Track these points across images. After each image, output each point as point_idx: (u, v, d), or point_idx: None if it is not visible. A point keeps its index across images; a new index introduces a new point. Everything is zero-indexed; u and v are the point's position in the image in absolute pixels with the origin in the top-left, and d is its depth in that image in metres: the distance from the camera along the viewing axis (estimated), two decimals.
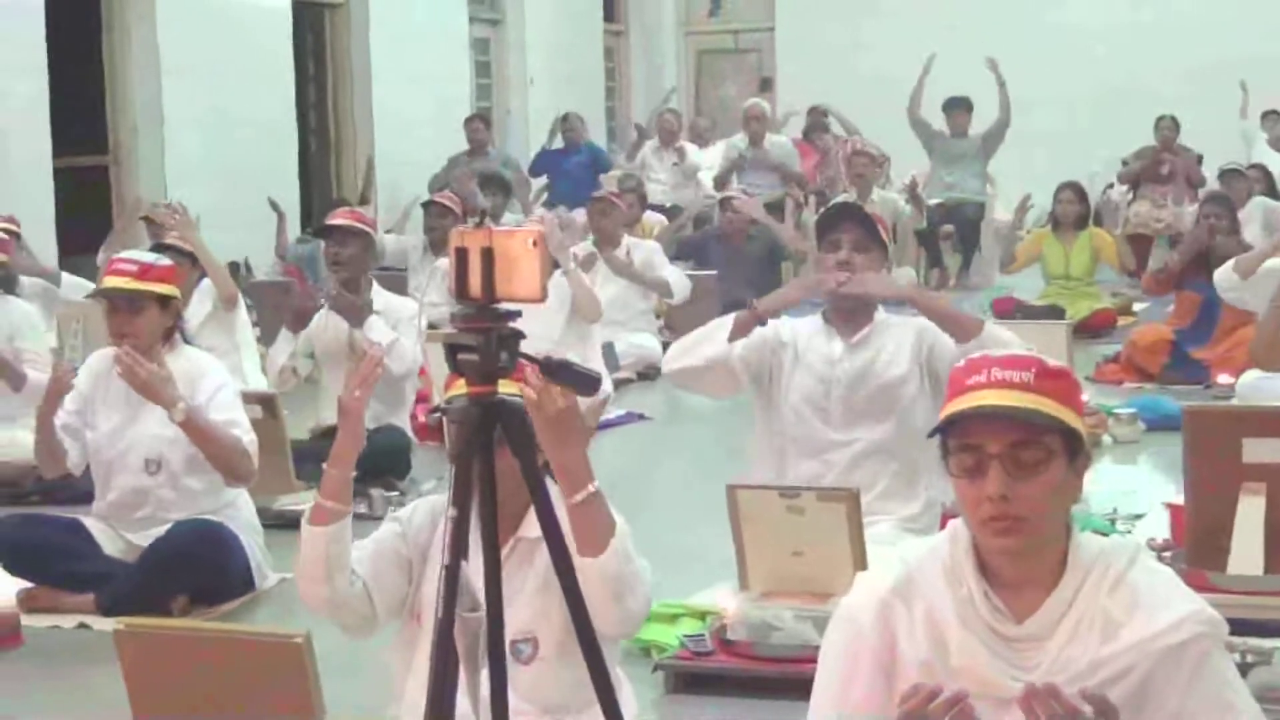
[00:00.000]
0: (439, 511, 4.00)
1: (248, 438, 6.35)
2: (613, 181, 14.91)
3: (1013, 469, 2.92)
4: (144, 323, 6.28)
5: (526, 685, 3.80)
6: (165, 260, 6.62)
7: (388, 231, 12.92)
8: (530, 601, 3.85)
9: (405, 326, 8.32)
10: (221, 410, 6.33)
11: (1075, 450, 2.99)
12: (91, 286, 8.20)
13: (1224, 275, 8.88)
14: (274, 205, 14.00)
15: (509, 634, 3.61)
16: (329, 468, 4.02)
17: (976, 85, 16.78)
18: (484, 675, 3.25)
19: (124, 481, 6.41)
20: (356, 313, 8.19)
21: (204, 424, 6.21)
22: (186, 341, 6.61)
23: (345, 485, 4.00)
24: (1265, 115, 17.72)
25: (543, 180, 16.62)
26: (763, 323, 5.78)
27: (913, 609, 3.05)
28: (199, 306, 9.03)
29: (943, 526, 3.24)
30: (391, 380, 8.26)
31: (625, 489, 7.75)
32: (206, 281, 9.28)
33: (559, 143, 17.04)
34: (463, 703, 3.19)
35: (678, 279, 11.66)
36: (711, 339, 5.78)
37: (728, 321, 5.76)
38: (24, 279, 9.96)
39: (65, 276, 10.43)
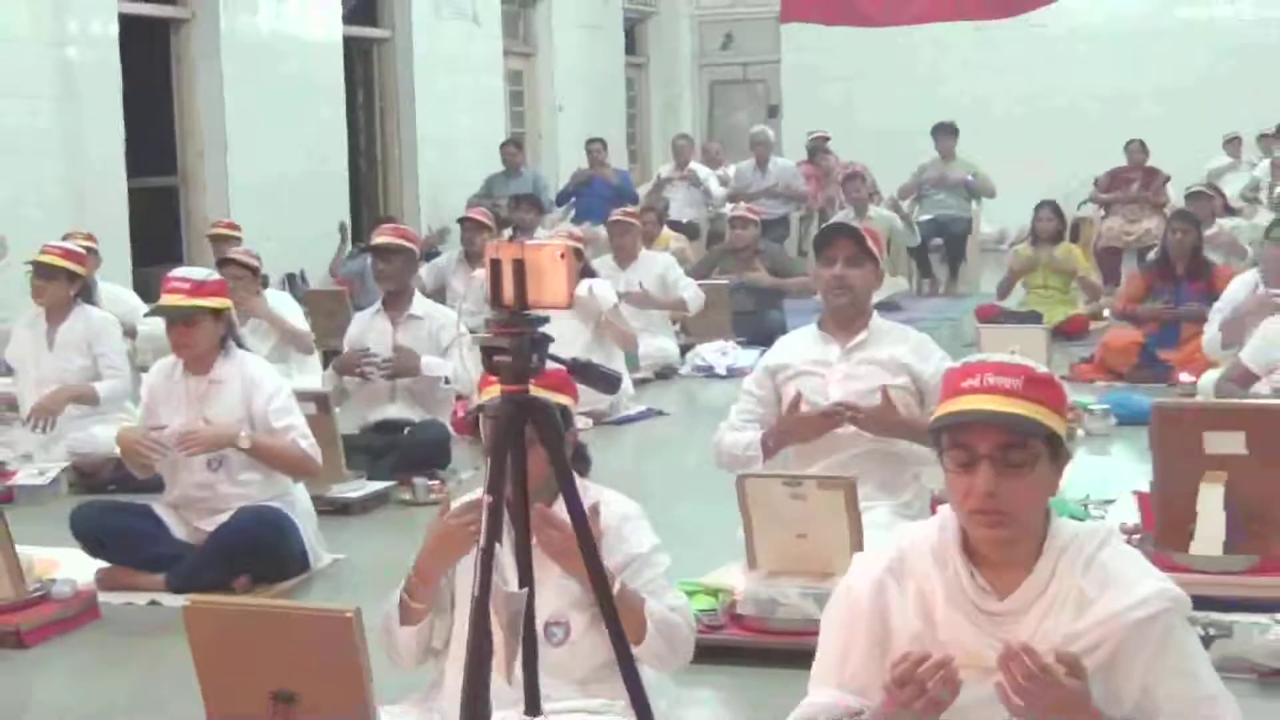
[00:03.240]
0: None
1: (306, 442, 6.38)
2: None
3: (1001, 468, 2.91)
4: (199, 334, 6.31)
5: (557, 663, 3.78)
6: (216, 276, 6.65)
7: (426, 255, 12.76)
8: (558, 587, 3.82)
9: (447, 332, 8.34)
10: (281, 415, 6.37)
11: (1057, 450, 2.98)
12: None
13: (1212, 345, 8.88)
14: (342, 229, 14.14)
15: (543, 617, 3.62)
16: (419, 581, 3.85)
17: (962, 112, 16.81)
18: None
19: (188, 478, 6.41)
20: (412, 370, 8.26)
21: (266, 445, 6.31)
22: (241, 347, 6.62)
23: (434, 592, 3.88)
24: (1227, 141, 17.71)
25: (570, 204, 16.64)
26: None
27: (904, 587, 3.05)
28: (259, 343, 8.91)
29: (933, 512, 3.24)
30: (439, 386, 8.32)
31: (645, 478, 7.79)
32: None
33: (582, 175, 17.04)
34: (496, 680, 3.19)
35: (692, 294, 11.65)
36: (750, 460, 5.66)
37: (757, 446, 5.67)
38: (102, 288, 9.98)
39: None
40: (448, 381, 8.24)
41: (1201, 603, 3.71)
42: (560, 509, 3.60)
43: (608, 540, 3.76)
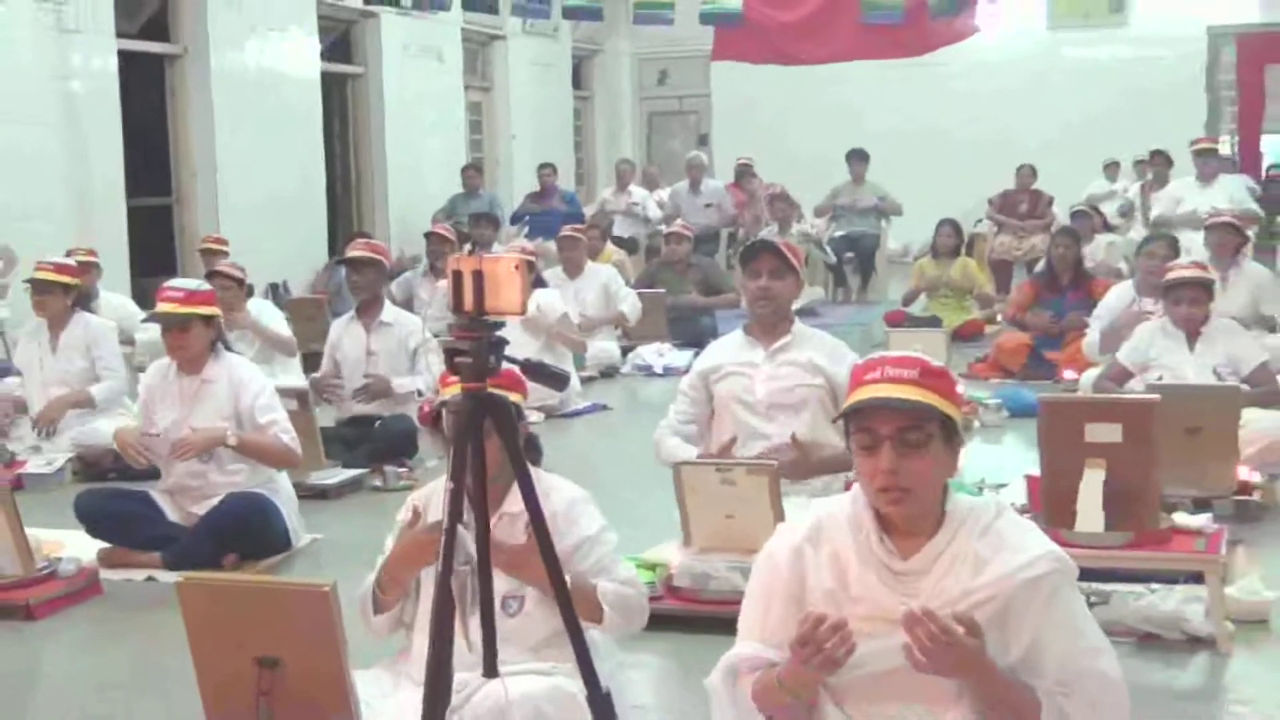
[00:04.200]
0: (423, 499, 4.00)
1: (287, 436, 6.36)
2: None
3: (901, 448, 2.93)
4: (191, 338, 6.29)
5: (513, 631, 3.77)
6: (206, 286, 6.63)
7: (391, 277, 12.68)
8: None
9: (415, 337, 8.36)
10: (265, 412, 6.35)
11: (951, 434, 3.00)
12: None
13: (1091, 349, 8.93)
14: (338, 261, 14.18)
15: (501, 591, 3.61)
16: (390, 581, 3.86)
17: (873, 140, 16.87)
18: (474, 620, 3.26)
19: (182, 468, 6.38)
20: (384, 393, 8.27)
21: (252, 442, 6.30)
22: (229, 350, 6.60)
23: (404, 589, 3.89)
24: (1106, 166, 17.84)
25: (524, 222, 16.61)
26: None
27: (820, 551, 3.06)
28: (245, 347, 8.80)
29: (847, 489, 3.26)
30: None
31: (592, 465, 7.77)
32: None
33: (534, 197, 17.02)
34: (459, 645, 3.18)
35: (630, 305, 11.69)
36: (685, 455, 5.72)
37: (693, 452, 5.72)
38: (104, 297, 9.93)
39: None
40: (421, 394, 8.24)
41: (1083, 574, 3.72)
42: (514, 499, 3.62)
43: (559, 524, 3.75)
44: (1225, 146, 17.63)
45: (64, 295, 8.37)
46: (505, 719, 3.56)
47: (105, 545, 6.37)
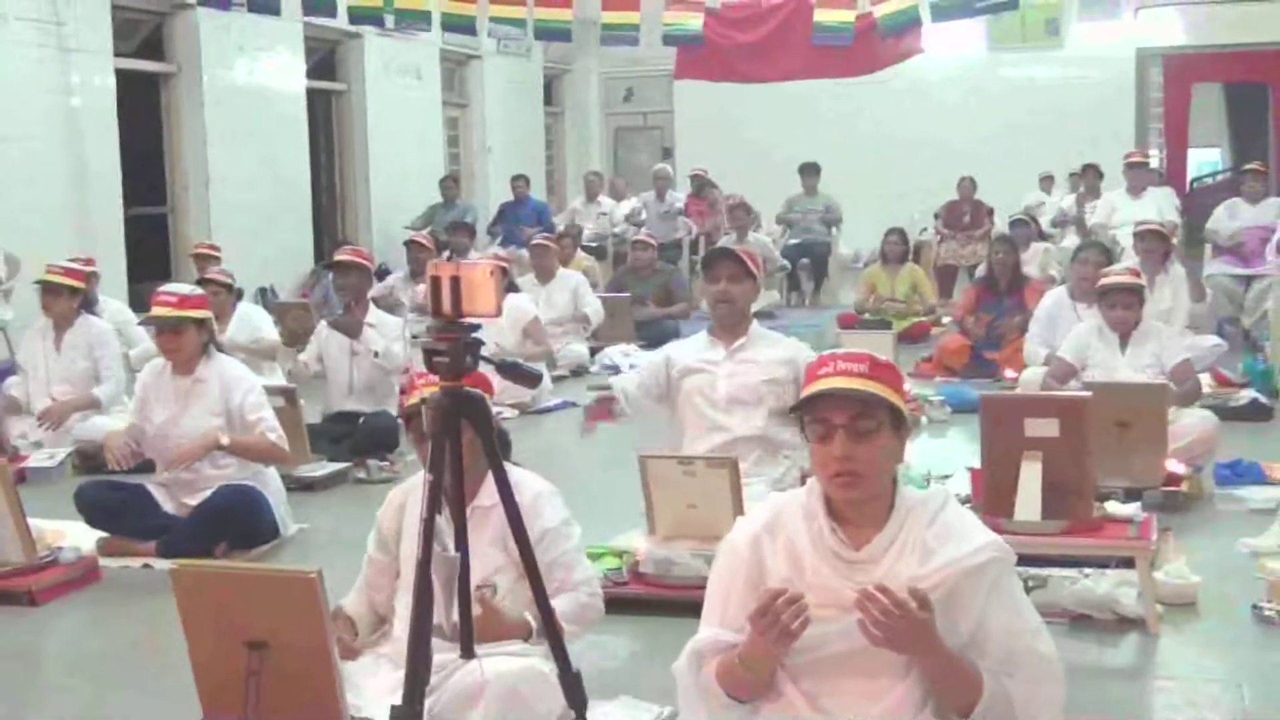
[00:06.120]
0: (401, 496, 4.02)
1: (274, 434, 6.34)
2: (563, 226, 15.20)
3: (853, 436, 2.94)
4: (184, 340, 6.27)
5: None
6: (199, 291, 6.62)
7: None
8: (486, 554, 3.80)
9: (395, 337, 8.35)
10: (254, 410, 6.34)
11: (899, 422, 3.01)
12: None
13: (1031, 357, 8.91)
14: (324, 267, 14.10)
15: (474, 579, 3.59)
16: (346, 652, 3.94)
17: (825, 153, 16.92)
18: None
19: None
20: (352, 330, 8.22)
21: (242, 442, 6.28)
22: (220, 350, 6.57)
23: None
24: (1042, 179, 17.89)
25: (498, 237, 16.61)
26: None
27: (776, 540, 3.05)
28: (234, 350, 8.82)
29: (802, 483, 3.25)
30: (384, 376, 8.29)
31: (561, 458, 7.76)
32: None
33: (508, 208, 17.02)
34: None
35: (594, 310, 11.79)
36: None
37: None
38: (104, 301, 9.86)
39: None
40: (377, 355, 8.21)
41: (1022, 560, 3.74)
42: (487, 492, 3.61)
43: (524, 516, 3.74)
44: (1154, 160, 17.67)
45: (70, 298, 8.36)
46: (482, 697, 3.56)
47: (104, 535, 6.33)
